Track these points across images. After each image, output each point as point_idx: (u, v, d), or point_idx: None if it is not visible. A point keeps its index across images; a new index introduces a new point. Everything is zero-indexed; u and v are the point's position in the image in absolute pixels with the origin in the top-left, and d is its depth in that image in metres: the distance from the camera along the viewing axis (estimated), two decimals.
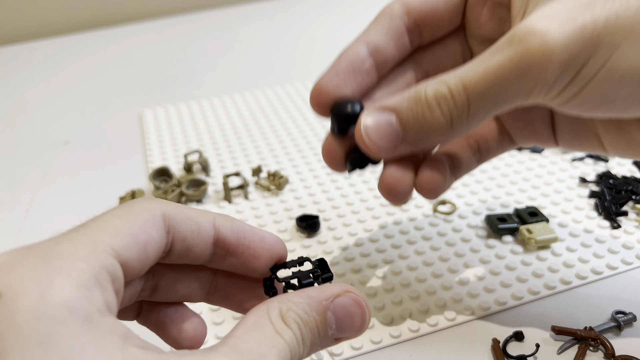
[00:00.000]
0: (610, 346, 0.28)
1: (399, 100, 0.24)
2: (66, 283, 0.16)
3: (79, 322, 0.16)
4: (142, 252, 0.19)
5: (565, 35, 0.20)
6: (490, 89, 0.22)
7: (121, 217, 0.20)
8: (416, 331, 0.30)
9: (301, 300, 0.21)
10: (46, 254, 0.17)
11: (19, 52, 0.76)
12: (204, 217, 0.22)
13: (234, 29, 0.79)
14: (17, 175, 0.48)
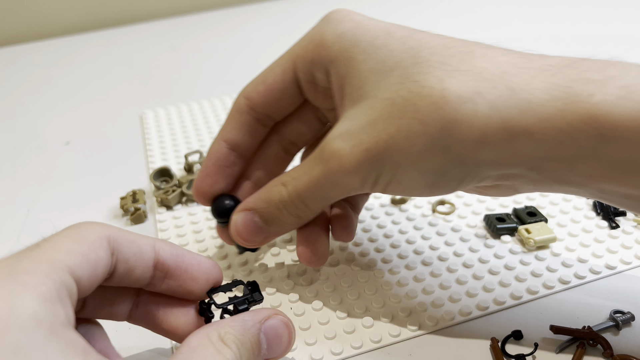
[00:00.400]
0: (608, 345, 0.28)
1: (257, 201, 0.28)
2: (32, 296, 0.17)
3: (45, 333, 0.17)
4: (92, 271, 0.21)
5: (356, 158, 0.24)
6: (316, 193, 0.26)
7: (72, 238, 0.21)
8: (415, 330, 0.30)
9: (236, 324, 0.23)
10: (9, 269, 0.18)
11: (20, 53, 0.76)
12: (145, 240, 0.24)
13: (235, 30, 0.79)
14: (18, 175, 0.48)
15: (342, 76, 0.26)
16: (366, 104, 0.25)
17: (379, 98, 0.24)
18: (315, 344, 0.29)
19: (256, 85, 0.30)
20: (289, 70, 0.29)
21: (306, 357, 0.29)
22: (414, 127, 0.23)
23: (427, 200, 0.40)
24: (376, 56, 0.25)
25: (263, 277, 0.34)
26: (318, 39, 0.28)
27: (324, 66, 0.28)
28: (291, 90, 0.29)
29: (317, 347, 0.29)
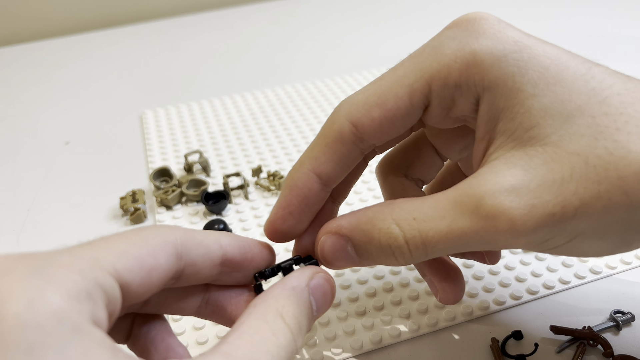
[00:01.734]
0: (608, 346, 0.28)
1: (354, 231, 0.23)
2: (56, 292, 0.16)
3: (66, 332, 0.16)
4: (145, 277, 0.19)
5: (533, 223, 0.20)
6: (453, 246, 0.21)
7: (131, 240, 0.19)
8: (415, 331, 0.30)
9: (288, 294, 0.21)
10: (41, 262, 0.17)
11: (20, 53, 0.76)
12: (211, 238, 0.22)
13: (235, 30, 0.79)
14: (18, 175, 0.48)
15: (500, 108, 0.22)
16: (546, 155, 0.20)
17: (565, 151, 0.20)
18: (316, 345, 0.29)
19: (369, 108, 0.23)
20: (420, 92, 0.23)
21: (306, 358, 0.29)
22: (615, 196, 0.19)
23: None
24: (552, 94, 0.21)
25: None
26: (470, 58, 0.22)
27: (474, 92, 0.22)
28: (415, 116, 0.24)
29: (317, 348, 0.29)
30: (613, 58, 0.60)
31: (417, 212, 0.22)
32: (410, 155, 0.28)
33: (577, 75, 0.21)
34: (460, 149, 0.27)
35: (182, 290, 0.24)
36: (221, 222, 0.38)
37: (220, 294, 0.24)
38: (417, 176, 0.28)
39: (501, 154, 0.21)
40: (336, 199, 0.27)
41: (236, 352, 0.18)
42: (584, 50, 0.26)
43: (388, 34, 0.73)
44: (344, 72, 0.63)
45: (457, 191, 0.21)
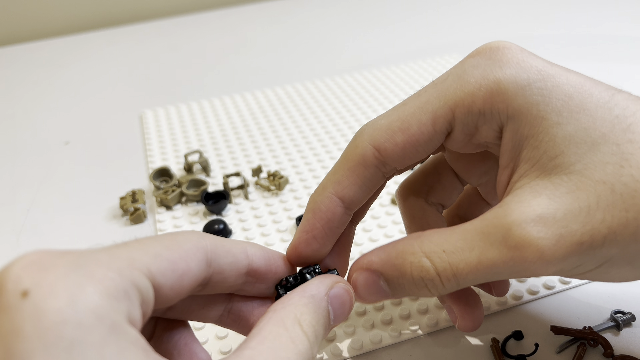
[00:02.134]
0: (609, 346, 0.28)
1: (385, 266, 0.23)
2: (96, 290, 0.16)
3: (104, 330, 0.16)
4: (177, 281, 0.19)
5: (563, 251, 0.20)
6: (483, 276, 0.22)
7: (164, 243, 0.20)
8: (416, 331, 0.30)
9: (307, 301, 0.21)
10: (80, 260, 0.17)
11: (20, 53, 0.76)
12: (239, 248, 0.22)
13: (235, 30, 0.79)
14: (18, 175, 0.48)
15: (524, 137, 0.22)
16: (571, 183, 0.20)
17: (590, 179, 0.20)
18: None
19: (392, 133, 0.23)
20: (444, 118, 0.23)
21: None
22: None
23: None
24: (575, 122, 0.21)
25: None
26: (494, 87, 0.22)
27: (498, 121, 0.23)
28: (438, 141, 0.24)
29: None
30: (613, 58, 0.60)
31: (446, 244, 0.22)
32: (430, 179, 0.28)
33: (601, 102, 0.21)
34: (480, 173, 0.28)
35: (207, 297, 0.24)
36: (221, 222, 0.38)
37: (243, 304, 0.25)
38: (437, 200, 0.29)
39: (526, 183, 0.22)
40: (355, 220, 0.27)
41: (258, 357, 0.18)
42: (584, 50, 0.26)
43: (388, 34, 0.73)
44: (344, 72, 0.63)
45: (484, 221, 0.22)
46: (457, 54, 0.64)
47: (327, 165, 0.45)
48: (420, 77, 0.60)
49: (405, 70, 0.62)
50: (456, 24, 0.74)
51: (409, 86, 0.58)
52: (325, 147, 0.48)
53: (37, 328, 0.15)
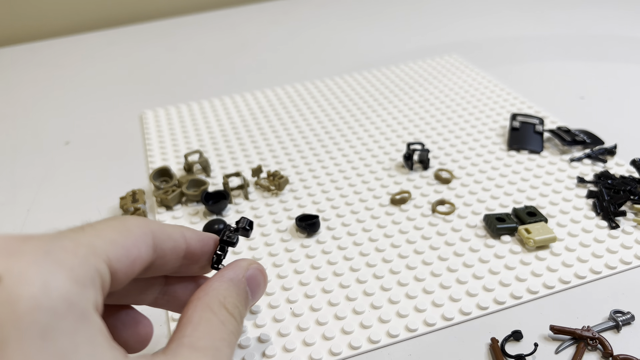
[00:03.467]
0: (608, 346, 0.28)
1: None
2: (67, 277, 0.16)
3: (75, 317, 0.16)
4: (129, 267, 0.20)
5: None
6: None
7: (117, 229, 0.20)
8: (415, 330, 0.30)
9: (227, 285, 0.23)
10: (47, 245, 0.17)
11: (21, 53, 0.76)
12: (177, 232, 0.24)
13: (235, 30, 0.79)
14: (18, 175, 0.48)
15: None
16: None
17: None
18: (315, 344, 0.29)
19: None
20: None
21: (305, 357, 0.29)
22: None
23: (427, 200, 0.40)
24: None
25: None
26: None
27: None
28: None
29: (316, 348, 0.29)
30: (613, 58, 0.60)
31: None
32: None
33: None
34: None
35: (145, 281, 0.25)
36: (221, 222, 0.38)
37: (177, 285, 0.26)
38: None
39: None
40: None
41: (199, 342, 0.20)
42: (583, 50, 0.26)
43: (388, 34, 0.73)
44: (343, 72, 0.63)
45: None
46: (457, 54, 0.64)
47: (327, 165, 0.45)
48: (420, 77, 0.60)
49: (405, 70, 0.62)
50: (456, 24, 0.74)
51: (409, 86, 0.58)
52: (325, 147, 0.48)
53: (10, 314, 0.15)
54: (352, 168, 0.45)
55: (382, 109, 0.54)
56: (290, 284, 0.33)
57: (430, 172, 0.44)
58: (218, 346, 0.21)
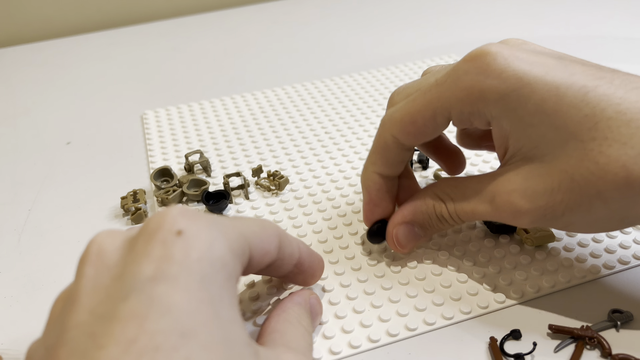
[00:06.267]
0: (607, 345, 0.28)
1: (415, 214, 0.32)
2: (226, 245, 0.21)
3: (226, 276, 0.21)
4: (261, 257, 0.24)
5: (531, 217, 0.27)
6: (473, 219, 0.30)
7: (258, 225, 0.25)
8: (414, 329, 0.30)
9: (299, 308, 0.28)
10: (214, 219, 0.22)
11: (22, 54, 0.77)
12: (295, 242, 0.28)
13: (235, 31, 0.79)
14: (19, 175, 0.48)
15: (507, 131, 0.27)
16: (542, 169, 0.26)
17: (556, 168, 0.26)
18: (315, 343, 0.29)
19: (404, 125, 0.30)
20: (442, 116, 0.29)
21: None
22: (596, 205, 0.25)
23: None
24: (548, 123, 0.26)
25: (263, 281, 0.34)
26: (479, 96, 0.27)
27: (484, 118, 0.28)
28: (441, 129, 0.30)
29: (316, 347, 0.29)
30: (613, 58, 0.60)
31: (452, 194, 0.31)
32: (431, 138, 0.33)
33: (573, 103, 0.25)
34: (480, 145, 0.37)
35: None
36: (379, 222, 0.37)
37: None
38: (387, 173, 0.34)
39: (512, 162, 0.28)
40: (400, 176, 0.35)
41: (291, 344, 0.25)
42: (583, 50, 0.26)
43: (388, 35, 0.73)
44: (343, 73, 0.63)
45: (479, 184, 0.29)
46: (456, 54, 0.64)
47: (327, 165, 0.46)
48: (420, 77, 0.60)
49: (405, 70, 0.62)
50: (456, 24, 0.75)
51: None
52: (325, 147, 0.48)
53: (185, 258, 0.20)
54: (352, 168, 0.45)
55: (382, 109, 0.54)
56: (290, 284, 0.33)
57: (430, 172, 0.44)
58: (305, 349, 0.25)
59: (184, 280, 0.19)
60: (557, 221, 0.27)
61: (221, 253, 0.21)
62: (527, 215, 0.27)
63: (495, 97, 0.27)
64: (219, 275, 0.20)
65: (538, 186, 0.26)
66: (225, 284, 0.20)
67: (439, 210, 0.31)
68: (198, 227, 0.21)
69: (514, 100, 0.26)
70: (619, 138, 0.24)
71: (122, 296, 0.19)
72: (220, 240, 0.21)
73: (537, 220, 0.27)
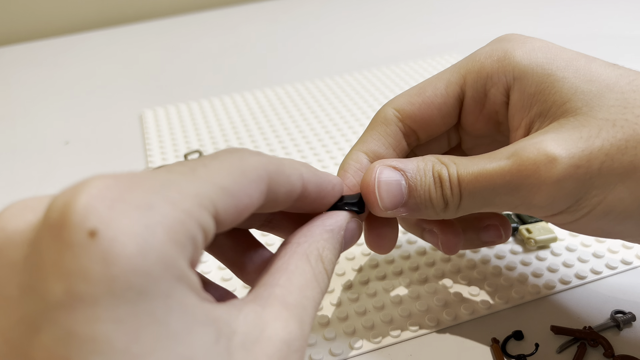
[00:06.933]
0: (609, 346, 0.28)
1: (409, 166, 0.25)
2: (167, 237, 0.15)
3: (171, 281, 0.15)
4: (237, 216, 0.18)
5: (559, 172, 0.22)
6: (479, 191, 0.23)
7: (232, 173, 0.18)
8: (416, 331, 0.30)
9: (328, 236, 0.22)
10: (152, 197, 0.15)
11: (20, 52, 0.76)
12: (295, 172, 0.21)
13: (234, 29, 0.79)
14: (18, 175, 0.48)
15: (532, 94, 0.24)
16: (576, 122, 0.23)
17: (594, 117, 0.22)
18: (316, 344, 0.29)
19: (409, 97, 0.27)
20: (455, 84, 0.26)
21: (306, 358, 0.28)
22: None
23: None
24: (581, 76, 0.23)
25: None
26: (501, 54, 0.25)
27: (505, 82, 0.25)
28: (450, 107, 0.27)
29: (317, 348, 0.29)
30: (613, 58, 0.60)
31: (457, 159, 0.24)
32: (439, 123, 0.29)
33: (604, 65, 0.24)
34: None
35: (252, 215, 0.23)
36: None
37: (282, 218, 0.25)
38: None
39: (536, 127, 0.24)
40: None
41: (289, 298, 0.19)
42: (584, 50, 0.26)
43: (388, 34, 0.73)
44: (344, 72, 0.62)
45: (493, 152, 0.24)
46: (457, 54, 0.64)
47: (327, 165, 0.45)
48: (420, 76, 0.60)
49: (405, 69, 0.62)
50: (456, 24, 0.74)
51: (409, 85, 0.58)
52: (325, 147, 0.48)
53: (105, 274, 0.14)
54: None
55: None
56: None
57: None
58: (305, 305, 0.19)
59: (108, 304, 0.14)
60: (593, 184, 0.22)
61: (159, 253, 0.15)
62: (558, 166, 0.21)
63: (520, 53, 0.25)
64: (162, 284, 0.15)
65: (572, 135, 0.22)
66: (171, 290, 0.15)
67: (437, 171, 0.24)
68: (121, 223, 0.14)
69: (541, 57, 0.25)
70: None
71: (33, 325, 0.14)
72: (157, 232, 0.15)
73: (565, 180, 0.22)
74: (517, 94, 0.25)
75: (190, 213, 0.16)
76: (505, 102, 0.26)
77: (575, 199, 0.22)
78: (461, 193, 0.24)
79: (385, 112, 0.27)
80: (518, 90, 0.25)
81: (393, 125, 0.27)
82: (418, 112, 0.27)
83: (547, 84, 0.24)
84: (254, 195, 0.19)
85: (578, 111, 0.23)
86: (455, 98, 0.26)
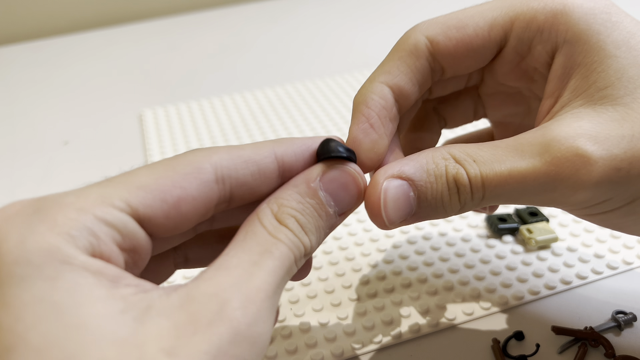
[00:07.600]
0: (610, 346, 0.28)
1: (417, 171, 0.21)
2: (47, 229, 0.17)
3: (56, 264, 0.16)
4: (171, 209, 0.18)
5: (598, 174, 0.20)
6: (508, 191, 0.21)
7: (156, 171, 0.18)
8: (416, 331, 0.30)
9: (289, 192, 0.20)
10: (43, 204, 0.18)
11: (19, 52, 0.76)
12: (263, 152, 0.20)
13: (235, 29, 0.79)
14: (17, 175, 0.48)
15: (577, 64, 0.22)
16: (616, 113, 0.21)
17: (637, 112, 0.20)
18: (316, 345, 0.29)
19: (447, 28, 0.23)
20: (501, 27, 0.23)
21: (307, 358, 0.28)
22: None
23: None
24: (632, 58, 0.21)
25: None
26: (559, 8, 0.22)
27: (554, 42, 0.22)
28: (488, 51, 0.24)
29: (317, 349, 0.29)
30: None
31: (475, 155, 0.21)
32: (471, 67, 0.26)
33: None
34: (507, 114, 0.28)
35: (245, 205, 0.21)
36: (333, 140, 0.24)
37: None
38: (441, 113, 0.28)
39: (568, 110, 0.22)
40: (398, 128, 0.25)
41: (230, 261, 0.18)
42: None
43: (388, 33, 0.73)
44: (344, 71, 0.62)
45: (517, 140, 0.21)
46: None
47: None
48: None
49: None
50: None
51: None
52: None
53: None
54: None
55: None
56: (291, 284, 0.33)
57: None
58: (257, 260, 0.18)
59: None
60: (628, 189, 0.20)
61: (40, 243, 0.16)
62: (597, 168, 0.20)
63: (579, 13, 0.22)
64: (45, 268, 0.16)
65: (612, 131, 0.20)
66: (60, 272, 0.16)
67: (452, 175, 0.21)
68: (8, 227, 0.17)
69: (600, 23, 0.22)
70: None
71: None
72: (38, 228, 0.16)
73: (603, 183, 0.20)
74: (562, 59, 0.22)
75: (82, 210, 0.17)
76: (548, 63, 0.23)
77: (608, 197, 0.21)
78: (484, 195, 0.21)
79: (417, 40, 0.23)
80: (565, 54, 0.22)
81: (423, 59, 0.23)
82: (454, 49, 0.23)
83: (595, 58, 0.21)
84: (190, 187, 0.18)
85: (619, 101, 0.21)
86: (496, 43, 0.23)
